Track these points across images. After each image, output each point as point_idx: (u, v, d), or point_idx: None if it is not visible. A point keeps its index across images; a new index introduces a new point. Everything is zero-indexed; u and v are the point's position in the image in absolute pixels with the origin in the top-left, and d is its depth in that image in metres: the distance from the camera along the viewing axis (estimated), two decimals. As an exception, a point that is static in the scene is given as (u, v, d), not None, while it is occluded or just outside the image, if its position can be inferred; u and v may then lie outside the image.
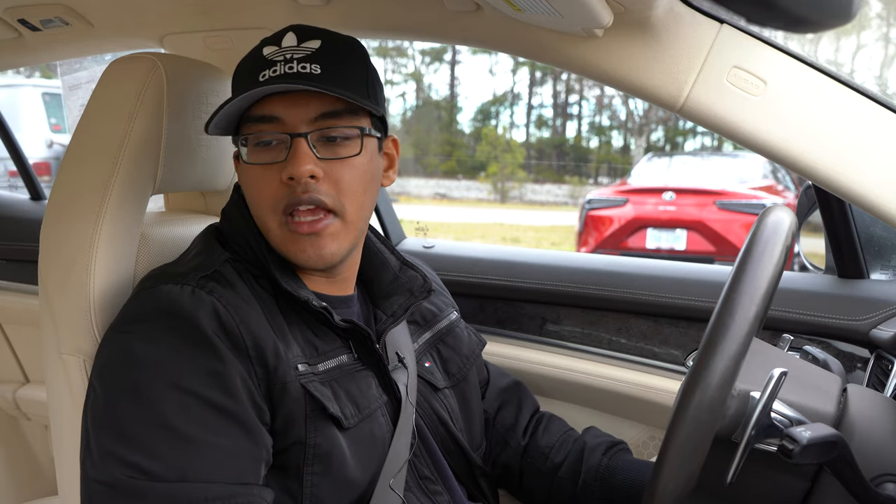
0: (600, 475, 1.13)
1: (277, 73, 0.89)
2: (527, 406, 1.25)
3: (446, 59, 23.48)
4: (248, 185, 0.94)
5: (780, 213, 0.75)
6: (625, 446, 1.19)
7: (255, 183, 0.92)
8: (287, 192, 0.90)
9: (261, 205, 0.92)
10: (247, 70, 0.93)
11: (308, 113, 0.90)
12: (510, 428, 1.21)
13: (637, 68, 1.04)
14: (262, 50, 0.93)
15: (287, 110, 0.90)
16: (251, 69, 0.92)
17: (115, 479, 0.77)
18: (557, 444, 1.19)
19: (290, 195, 0.89)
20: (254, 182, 0.92)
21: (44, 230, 1.00)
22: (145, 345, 0.83)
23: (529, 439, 1.21)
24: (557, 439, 1.19)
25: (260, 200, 0.92)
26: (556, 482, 1.16)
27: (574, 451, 1.17)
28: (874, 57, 18.25)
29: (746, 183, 6.62)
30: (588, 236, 6.41)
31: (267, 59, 0.91)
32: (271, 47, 0.93)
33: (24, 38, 1.45)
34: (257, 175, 0.91)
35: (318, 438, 0.88)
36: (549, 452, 1.18)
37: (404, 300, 1.04)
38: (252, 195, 0.93)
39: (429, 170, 20.35)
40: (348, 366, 0.95)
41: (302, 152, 0.89)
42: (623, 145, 22.40)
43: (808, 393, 0.83)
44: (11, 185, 5.85)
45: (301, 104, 0.90)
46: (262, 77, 0.90)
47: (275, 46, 0.92)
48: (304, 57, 0.90)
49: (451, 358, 1.15)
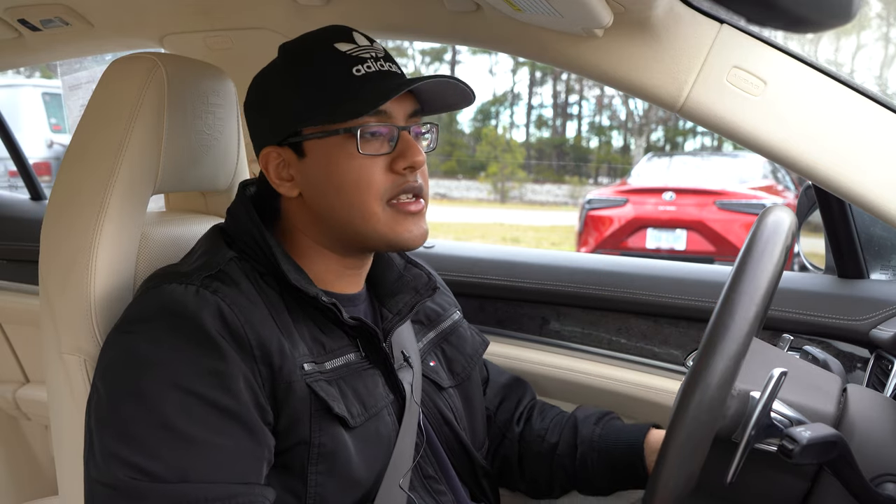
0: (595, 445, 1.14)
1: (373, 69, 0.93)
2: (524, 398, 1.26)
3: (446, 59, 23.48)
4: (349, 174, 0.93)
5: (780, 213, 0.75)
6: (615, 415, 1.20)
7: (362, 172, 0.93)
8: (398, 181, 0.93)
9: (367, 193, 0.93)
10: (327, 64, 0.93)
11: (406, 109, 0.95)
12: (508, 421, 1.22)
13: (637, 68, 1.04)
14: (335, 45, 0.94)
15: (393, 105, 0.93)
16: (336, 64, 0.93)
17: (118, 480, 0.77)
18: (551, 426, 1.20)
19: (403, 183, 0.94)
20: (360, 171, 0.93)
21: (44, 230, 1.00)
22: (148, 345, 0.83)
23: (524, 426, 1.22)
24: (551, 421, 1.20)
25: (367, 188, 0.93)
26: (556, 461, 1.16)
27: (568, 426, 1.18)
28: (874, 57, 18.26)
29: (746, 183, 6.62)
30: (588, 236, 6.41)
31: (350, 55, 0.93)
32: (347, 44, 0.94)
33: (24, 38, 1.45)
34: (364, 165, 0.93)
35: (323, 438, 0.88)
36: (545, 434, 1.19)
37: (409, 298, 1.05)
38: (355, 184, 0.93)
39: (429, 169, 20.31)
40: (355, 364, 0.95)
41: (415, 144, 0.94)
42: (623, 145, 22.41)
43: (808, 393, 0.83)
44: (11, 185, 5.85)
45: (401, 100, 0.94)
46: (356, 72, 0.92)
47: (350, 44, 0.94)
48: (385, 56, 0.96)
49: (455, 357, 1.15)
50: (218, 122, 1.10)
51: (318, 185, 0.95)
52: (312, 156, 0.94)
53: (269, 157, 0.97)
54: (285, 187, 0.96)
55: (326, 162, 0.94)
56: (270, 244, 0.93)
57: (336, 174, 0.94)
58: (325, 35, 0.96)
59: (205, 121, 1.07)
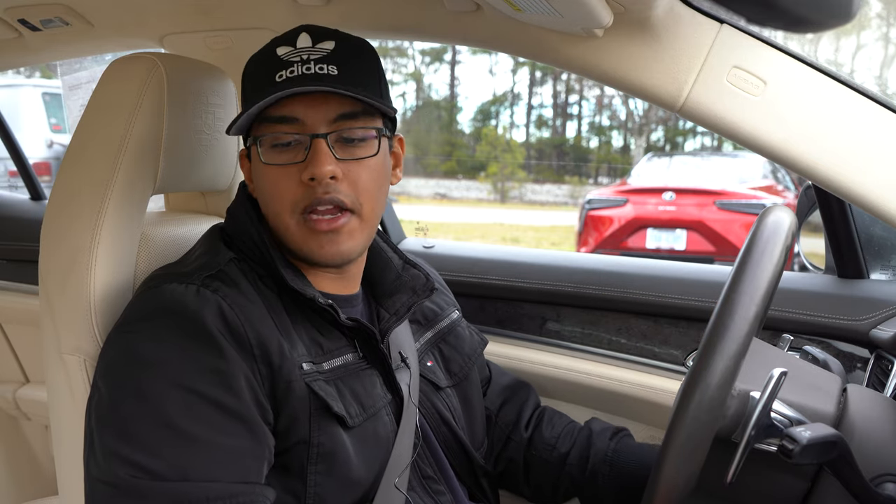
0: (608, 459, 1.14)
1: (295, 73, 0.90)
2: (529, 402, 1.25)
3: (446, 59, 23.49)
4: (265, 185, 0.93)
5: (780, 213, 0.75)
6: (628, 432, 1.20)
7: (272, 183, 0.92)
8: (307, 192, 0.90)
9: (279, 204, 0.92)
10: (261, 70, 0.93)
11: (327, 114, 0.91)
12: (513, 424, 1.22)
13: (637, 68, 1.04)
14: (276, 50, 0.93)
15: (307, 111, 0.90)
16: (266, 69, 0.92)
17: (118, 479, 0.77)
18: (563, 435, 1.19)
19: (311, 195, 0.90)
20: (271, 182, 0.92)
21: (44, 230, 1.00)
22: (149, 344, 0.83)
23: (534, 432, 1.21)
24: (562, 430, 1.20)
25: (278, 200, 0.92)
26: (565, 470, 1.16)
27: (581, 438, 1.18)
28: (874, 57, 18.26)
29: (746, 183, 6.62)
30: (588, 236, 6.41)
31: (282, 59, 0.91)
32: (286, 47, 0.92)
33: (24, 38, 1.45)
34: (275, 175, 0.92)
35: (322, 437, 0.88)
36: (556, 443, 1.18)
37: (407, 299, 1.05)
38: (269, 195, 0.93)
39: (429, 170, 20.35)
40: (353, 364, 0.95)
41: (323, 153, 0.89)
42: (623, 145, 22.41)
43: (808, 393, 0.83)
44: (11, 185, 5.85)
45: (320, 105, 0.90)
46: (278, 77, 0.90)
47: (289, 47, 0.92)
48: (320, 58, 0.91)
49: (453, 357, 1.15)
50: (218, 122, 1.10)
51: (256, 191, 0.98)
52: (253, 160, 0.96)
53: (243, 160, 1.00)
54: (252, 187, 0.99)
55: (254, 168, 0.97)
56: (269, 246, 0.93)
57: (257, 182, 0.96)
58: (279, 38, 0.95)
59: (204, 121, 1.07)
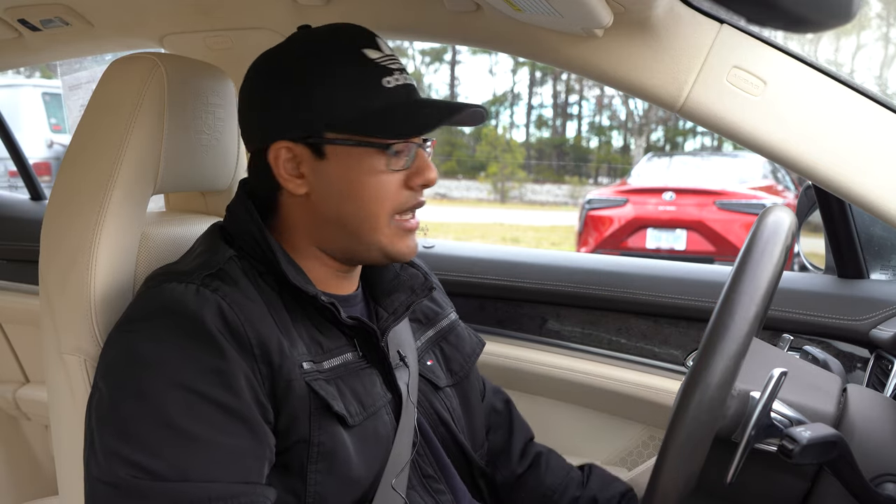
0: None
1: (400, 82, 0.93)
2: (518, 431, 1.23)
3: (446, 59, 23.49)
4: (366, 190, 0.93)
5: (780, 213, 0.75)
6: (633, 494, 1.18)
7: (382, 186, 0.93)
8: (411, 196, 0.95)
9: (380, 207, 0.94)
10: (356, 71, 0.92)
11: None
12: (501, 452, 1.20)
13: (637, 68, 1.04)
14: (363, 52, 0.92)
15: None
16: (368, 71, 0.92)
17: (119, 479, 0.77)
18: (561, 488, 1.18)
19: (414, 199, 0.96)
20: (380, 185, 0.93)
21: (44, 230, 1.00)
22: (149, 343, 0.83)
23: (529, 473, 1.19)
24: (562, 481, 1.18)
25: (381, 203, 0.94)
26: None
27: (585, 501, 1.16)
28: (874, 57, 18.25)
29: (746, 183, 6.62)
30: (588, 236, 6.41)
31: (379, 64, 0.93)
32: (374, 51, 0.93)
33: (24, 38, 1.45)
34: (387, 180, 0.93)
35: (323, 437, 0.88)
36: (553, 495, 1.17)
37: (406, 298, 1.05)
38: (374, 197, 0.93)
39: (429, 170, 20.28)
40: (353, 363, 0.95)
41: (430, 161, 0.96)
42: (623, 145, 22.41)
43: (808, 393, 0.83)
44: (11, 185, 5.85)
45: None
46: (386, 83, 0.92)
47: (377, 52, 0.93)
48: (401, 66, 0.95)
49: (454, 356, 1.15)
50: (218, 122, 1.10)
51: (334, 189, 0.94)
52: (334, 160, 0.93)
53: (281, 152, 0.94)
54: (294, 184, 0.94)
55: (349, 170, 0.93)
56: (271, 243, 0.93)
57: (356, 183, 0.93)
58: (352, 36, 0.94)
59: (205, 121, 1.07)
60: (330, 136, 0.92)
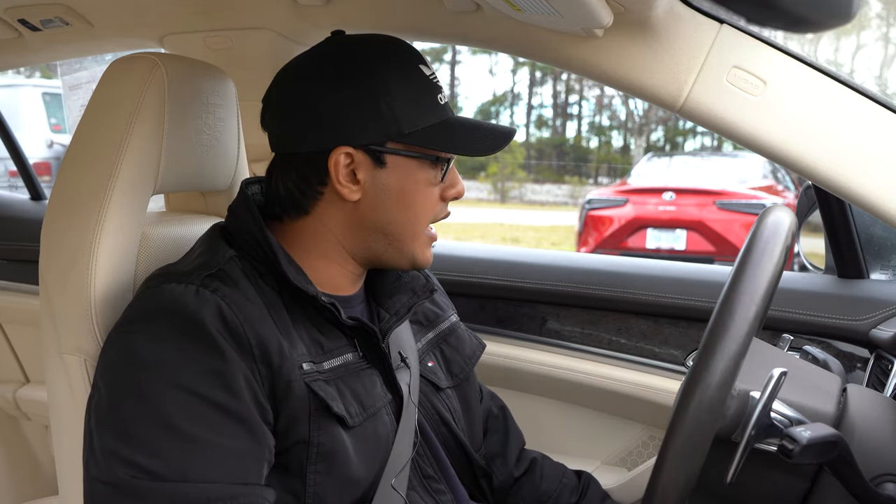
0: None
1: (446, 99, 0.99)
2: (513, 437, 1.24)
3: (446, 59, 23.47)
4: (416, 199, 0.97)
5: (780, 213, 0.75)
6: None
7: (429, 197, 0.98)
8: (443, 207, 1.01)
9: (423, 217, 0.99)
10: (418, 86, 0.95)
11: None
12: (498, 456, 1.20)
13: (637, 68, 1.04)
14: (420, 66, 0.96)
15: None
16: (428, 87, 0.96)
17: (118, 479, 0.77)
18: (556, 494, 1.19)
19: (444, 210, 1.02)
20: (428, 196, 0.98)
21: (44, 230, 1.00)
22: (149, 344, 0.83)
23: (525, 478, 1.20)
24: (556, 487, 1.20)
25: (427, 212, 0.99)
26: None
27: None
28: (874, 57, 18.25)
29: (746, 183, 6.63)
30: (588, 236, 6.41)
31: (432, 81, 0.97)
32: (426, 68, 0.97)
33: (24, 38, 1.45)
34: (433, 192, 0.99)
35: (322, 437, 0.88)
36: (549, 501, 1.18)
37: (407, 299, 1.05)
38: (422, 207, 0.98)
39: (429, 170, 20.27)
40: (353, 364, 0.95)
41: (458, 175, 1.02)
42: (623, 145, 22.41)
43: (808, 393, 0.83)
44: (11, 185, 5.86)
45: None
46: (440, 99, 0.98)
47: (427, 68, 0.98)
48: None
49: (454, 358, 1.15)
50: (218, 122, 1.10)
51: (386, 197, 0.96)
52: (391, 169, 0.95)
53: (341, 158, 0.93)
54: (349, 189, 0.94)
55: (404, 179, 0.96)
56: (272, 244, 0.93)
57: (410, 193, 0.96)
58: (406, 50, 0.97)
59: (205, 121, 1.07)
60: (392, 145, 0.94)
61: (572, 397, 1.54)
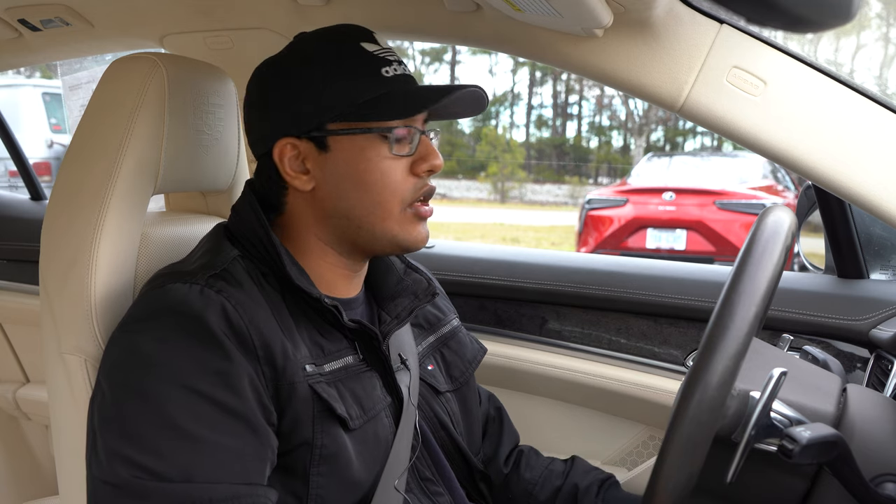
0: None
1: (398, 72, 0.95)
2: (507, 438, 1.23)
3: (446, 59, 23.48)
4: (374, 177, 0.94)
5: (780, 213, 0.75)
6: (615, 480, 1.18)
7: (387, 173, 0.94)
8: (419, 183, 0.96)
9: (391, 195, 0.94)
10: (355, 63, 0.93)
11: (422, 114, 0.97)
12: (491, 460, 1.20)
13: (637, 68, 1.04)
14: (362, 45, 0.95)
15: None
16: (366, 62, 0.94)
17: (121, 479, 0.77)
18: (541, 481, 1.17)
19: (423, 186, 0.96)
20: (386, 172, 0.94)
21: (44, 230, 1.00)
22: (153, 344, 0.83)
23: (511, 471, 1.19)
24: (540, 474, 1.18)
25: (391, 191, 0.94)
26: None
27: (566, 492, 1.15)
28: (874, 57, 18.25)
29: (746, 183, 6.62)
30: (588, 236, 6.41)
31: (377, 55, 0.94)
32: (372, 45, 0.95)
33: (24, 38, 1.45)
34: (391, 166, 0.94)
35: (325, 439, 0.88)
36: (534, 490, 1.17)
37: (409, 303, 1.05)
38: (381, 184, 0.94)
39: (429, 170, 20.28)
40: (354, 367, 0.95)
41: (434, 147, 0.97)
42: (623, 145, 22.40)
43: (808, 393, 0.83)
44: (11, 185, 5.86)
45: None
46: (385, 72, 0.94)
47: (375, 45, 0.95)
48: (402, 61, 0.97)
49: (454, 362, 1.15)
50: (218, 122, 1.10)
51: (339, 181, 0.94)
52: (337, 151, 0.94)
53: (285, 149, 0.95)
54: (300, 181, 0.95)
55: (352, 159, 0.93)
56: (276, 245, 0.93)
57: (362, 172, 0.94)
58: (349, 32, 0.96)
59: (205, 121, 1.07)
60: (332, 126, 0.93)
61: (572, 397, 1.54)
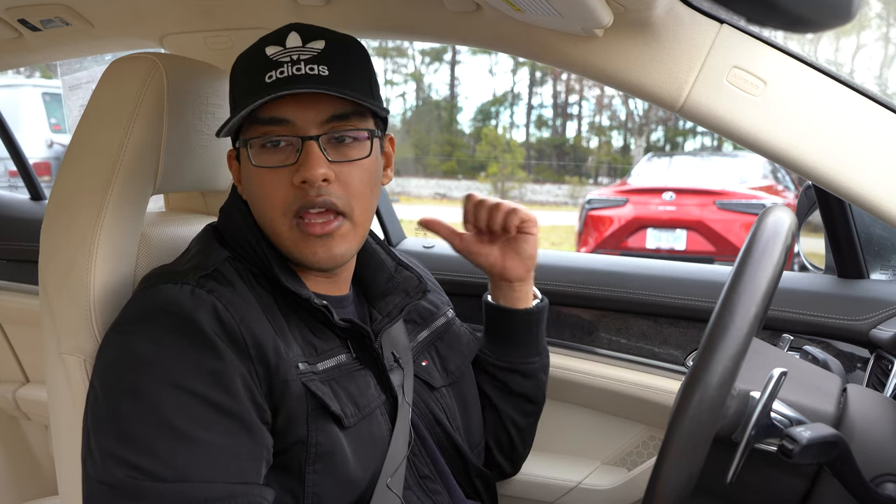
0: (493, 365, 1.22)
1: (285, 74, 0.89)
2: None
3: (446, 59, 23.47)
4: (255, 187, 0.93)
5: (780, 213, 0.75)
6: None
7: (263, 185, 0.91)
8: (298, 195, 0.90)
9: (270, 207, 0.91)
10: (250, 70, 0.92)
11: (318, 115, 0.90)
12: None
13: (637, 68, 1.04)
14: (266, 50, 0.92)
15: (297, 112, 0.89)
16: (255, 69, 0.91)
17: (116, 480, 0.77)
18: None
19: (303, 198, 0.89)
20: (262, 184, 0.91)
21: (44, 230, 1.00)
22: (145, 344, 0.83)
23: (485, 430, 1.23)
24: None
25: (269, 203, 0.91)
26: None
27: None
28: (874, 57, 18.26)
29: (746, 183, 6.62)
30: (588, 236, 6.41)
31: (272, 59, 0.90)
32: (275, 47, 0.91)
33: (24, 38, 1.45)
34: (266, 177, 0.91)
35: (320, 437, 0.88)
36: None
37: (400, 300, 1.05)
38: (260, 197, 0.92)
39: (429, 170, 20.31)
40: (347, 365, 0.95)
41: (315, 155, 0.89)
42: (623, 145, 22.39)
43: (808, 393, 0.83)
44: (11, 185, 5.85)
45: (311, 106, 0.89)
46: (268, 78, 0.89)
47: (278, 47, 0.91)
48: (310, 58, 0.90)
49: (450, 355, 1.15)
50: (218, 123, 1.10)
51: (247, 191, 0.97)
52: (244, 161, 0.95)
53: (231, 156, 1.00)
54: (240, 189, 0.99)
55: (244, 170, 0.96)
56: (263, 246, 0.93)
57: (247, 184, 0.95)
58: (267, 37, 0.94)
59: (204, 121, 1.07)
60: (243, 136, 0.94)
61: (572, 397, 1.54)
